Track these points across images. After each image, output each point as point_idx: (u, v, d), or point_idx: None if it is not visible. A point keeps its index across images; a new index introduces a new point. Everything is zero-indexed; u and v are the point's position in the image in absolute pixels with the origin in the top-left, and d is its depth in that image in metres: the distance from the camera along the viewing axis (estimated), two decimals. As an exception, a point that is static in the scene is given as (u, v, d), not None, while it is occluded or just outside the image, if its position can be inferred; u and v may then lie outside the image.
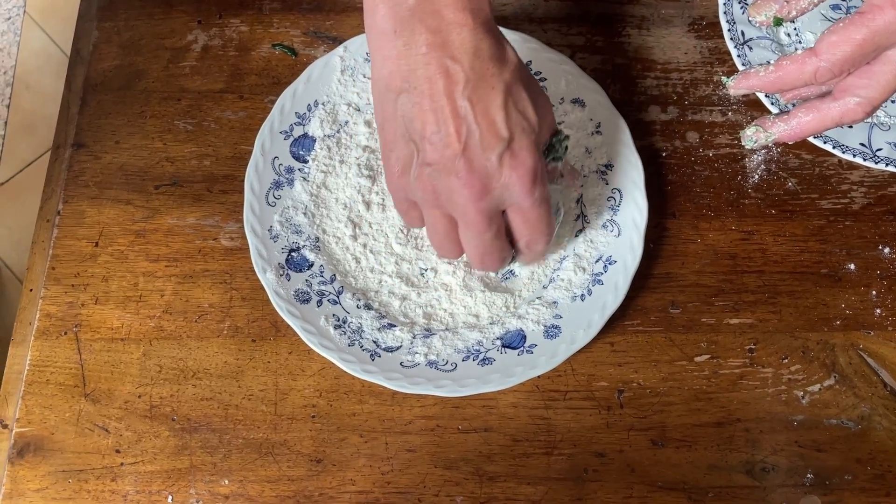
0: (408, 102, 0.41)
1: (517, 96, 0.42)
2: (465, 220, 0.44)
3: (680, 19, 0.61)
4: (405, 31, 0.40)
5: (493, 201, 0.43)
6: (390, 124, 0.43)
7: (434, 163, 0.42)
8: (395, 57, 0.41)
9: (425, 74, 0.41)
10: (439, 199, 0.43)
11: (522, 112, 0.42)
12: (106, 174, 0.57)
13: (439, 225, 0.45)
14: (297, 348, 0.53)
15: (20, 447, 0.51)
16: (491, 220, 0.44)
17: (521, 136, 0.42)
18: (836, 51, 0.40)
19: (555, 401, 0.52)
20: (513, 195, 0.43)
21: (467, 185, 0.42)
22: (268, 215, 0.54)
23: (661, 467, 0.51)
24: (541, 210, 0.44)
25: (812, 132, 0.44)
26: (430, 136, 0.41)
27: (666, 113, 0.59)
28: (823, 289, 0.55)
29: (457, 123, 0.41)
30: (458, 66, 0.40)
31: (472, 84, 0.41)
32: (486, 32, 0.41)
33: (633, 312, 0.54)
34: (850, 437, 0.51)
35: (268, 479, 0.50)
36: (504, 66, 0.42)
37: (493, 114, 0.41)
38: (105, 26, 0.61)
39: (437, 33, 0.40)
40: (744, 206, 0.56)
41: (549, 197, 0.45)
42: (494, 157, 0.41)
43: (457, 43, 0.40)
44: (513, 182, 0.42)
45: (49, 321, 0.53)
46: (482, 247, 0.45)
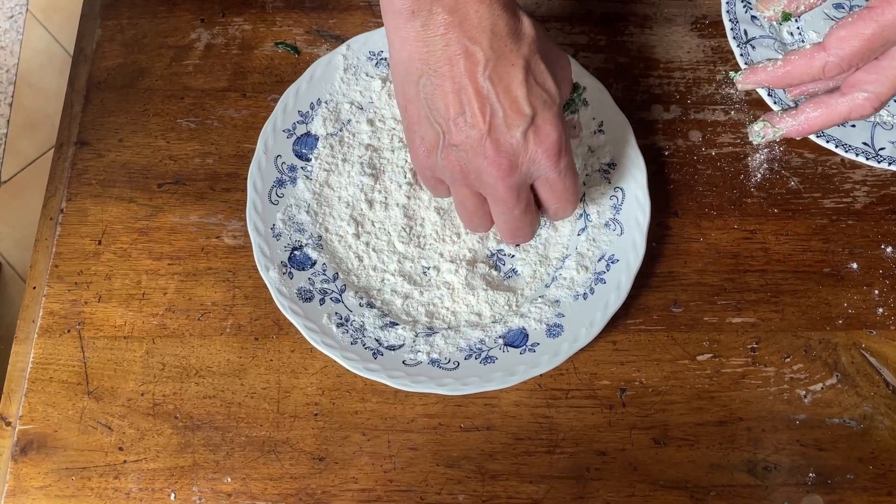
0: (430, 85, 0.42)
1: (536, 70, 0.42)
2: (494, 196, 0.44)
3: (683, 18, 0.61)
4: (422, 11, 0.41)
5: (520, 176, 0.44)
6: (413, 106, 0.44)
7: (460, 144, 0.42)
8: (414, 38, 0.42)
9: (445, 56, 0.41)
10: (468, 178, 0.44)
11: (543, 85, 0.42)
12: (109, 172, 0.57)
13: (469, 202, 0.46)
14: (299, 346, 0.53)
15: (23, 444, 0.51)
16: (520, 195, 0.44)
17: (543, 110, 0.42)
18: (845, 45, 0.40)
19: (557, 399, 0.52)
20: (540, 168, 0.44)
21: (495, 164, 0.42)
22: (270, 213, 0.54)
23: (663, 466, 0.51)
24: (567, 179, 0.45)
25: (820, 127, 0.44)
26: (454, 117, 0.42)
27: (668, 112, 0.59)
28: (826, 288, 0.55)
29: (480, 104, 0.41)
30: (478, 46, 0.41)
31: (493, 63, 0.41)
32: (503, 8, 0.41)
33: (635, 311, 0.54)
34: (852, 436, 0.51)
35: (270, 476, 0.50)
36: (521, 40, 0.42)
37: (514, 91, 0.42)
38: (108, 24, 0.61)
39: (455, 12, 0.41)
40: (746, 205, 0.56)
41: (574, 164, 0.45)
42: (519, 134, 0.42)
43: (475, 21, 0.41)
44: (539, 156, 0.43)
45: (52, 319, 0.53)
46: (513, 221, 0.46)
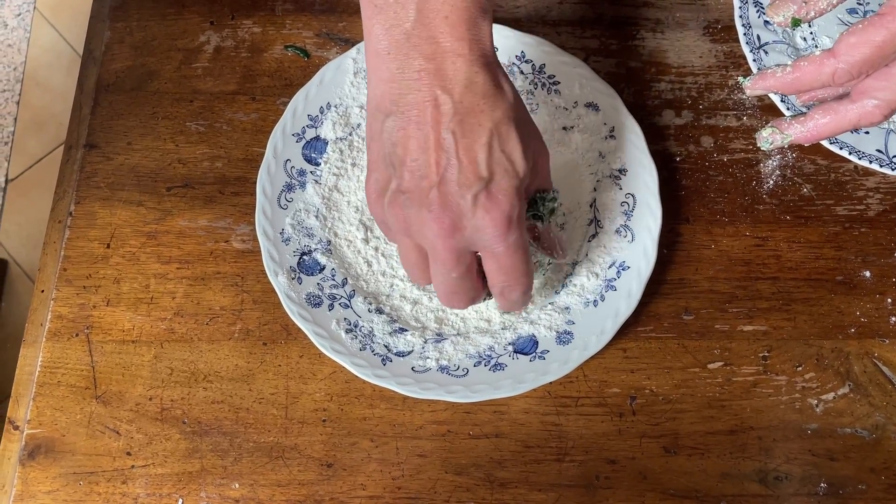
0: (394, 126, 0.40)
1: (505, 137, 0.40)
2: (433, 254, 0.42)
3: (695, 23, 0.61)
4: (400, 54, 0.39)
5: (463, 241, 0.41)
6: (375, 144, 0.42)
7: (408, 191, 0.41)
8: (388, 79, 0.40)
9: (415, 100, 0.39)
10: (410, 228, 0.42)
11: (508, 154, 0.40)
12: (118, 175, 0.57)
13: (410, 254, 0.44)
14: (308, 352, 0.52)
15: (31, 449, 0.51)
16: (459, 259, 0.42)
17: (501, 178, 0.40)
18: (855, 52, 0.40)
19: (566, 407, 0.52)
20: (484, 238, 0.41)
21: (437, 220, 0.40)
22: (280, 218, 0.53)
23: (674, 475, 0.50)
24: (515, 257, 0.42)
25: (829, 134, 0.43)
26: (409, 163, 0.40)
27: (680, 117, 0.58)
28: (838, 296, 0.54)
29: (437, 155, 0.39)
30: (448, 96, 0.39)
31: (460, 117, 0.39)
32: (483, 66, 0.40)
33: (645, 318, 0.53)
34: (864, 446, 0.51)
35: (278, 483, 0.50)
36: (497, 103, 0.40)
37: (475, 151, 0.40)
38: (117, 27, 0.61)
39: (432, 60, 0.39)
40: (758, 212, 0.56)
41: (526, 245, 0.43)
42: (469, 196, 0.40)
43: (450, 73, 0.39)
44: (485, 224, 0.40)
45: (60, 322, 0.53)
46: (449, 284, 0.44)
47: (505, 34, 0.57)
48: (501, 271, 0.43)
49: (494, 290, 0.44)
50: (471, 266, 0.43)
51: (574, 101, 0.56)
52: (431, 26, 0.39)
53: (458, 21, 0.39)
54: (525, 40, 0.57)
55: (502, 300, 0.45)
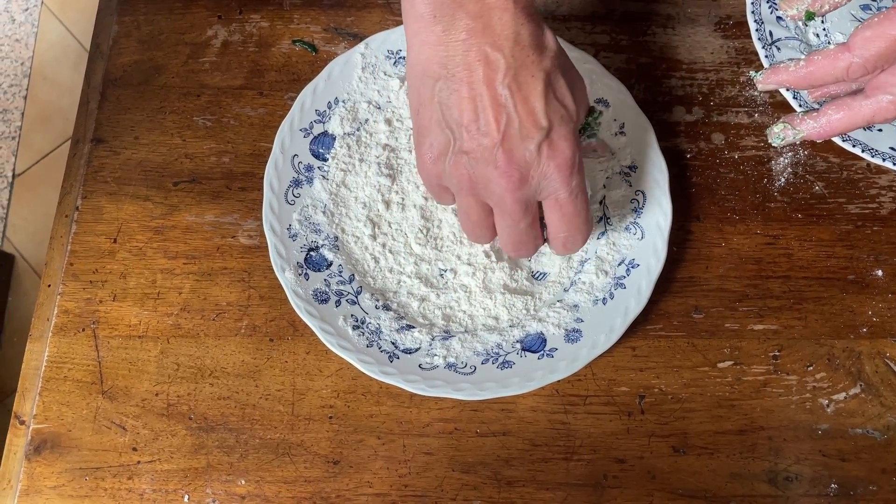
0: (446, 89, 0.41)
1: (556, 84, 0.41)
2: (501, 208, 0.43)
3: (706, 18, 0.60)
4: (445, 15, 0.40)
5: (530, 191, 0.43)
6: (426, 110, 0.43)
7: (472, 151, 0.41)
8: (434, 42, 0.41)
9: (464, 61, 0.40)
10: (476, 187, 0.43)
11: (561, 100, 0.41)
12: (125, 170, 0.57)
13: (473, 212, 0.45)
14: (314, 348, 0.52)
15: (37, 444, 0.51)
16: (527, 210, 0.43)
17: (559, 125, 0.41)
18: (871, 46, 0.39)
19: (575, 405, 0.51)
20: (551, 185, 0.42)
21: (505, 174, 0.41)
22: (287, 214, 0.53)
23: (682, 475, 0.50)
24: (577, 202, 0.44)
25: (842, 130, 0.43)
26: (468, 124, 0.41)
27: (691, 114, 0.58)
28: (850, 295, 0.54)
29: (496, 112, 0.40)
30: (499, 53, 0.40)
31: (513, 72, 0.40)
32: (527, 17, 0.40)
33: (655, 317, 0.53)
34: (875, 446, 0.50)
35: (284, 479, 0.50)
36: (544, 53, 0.41)
37: (532, 102, 0.40)
38: (125, 21, 0.60)
39: (478, 18, 0.40)
40: (769, 210, 0.55)
41: (585, 190, 0.44)
42: (533, 147, 0.41)
43: (497, 28, 0.40)
44: (551, 171, 0.42)
45: (67, 317, 0.53)
46: (517, 234, 0.45)
47: (514, 29, 0.56)
48: (565, 218, 0.44)
49: (557, 241, 0.46)
50: (536, 215, 0.45)
51: (584, 97, 0.56)
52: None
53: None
54: (535, 35, 0.56)
55: (562, 248, 0.46)
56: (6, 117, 1.47)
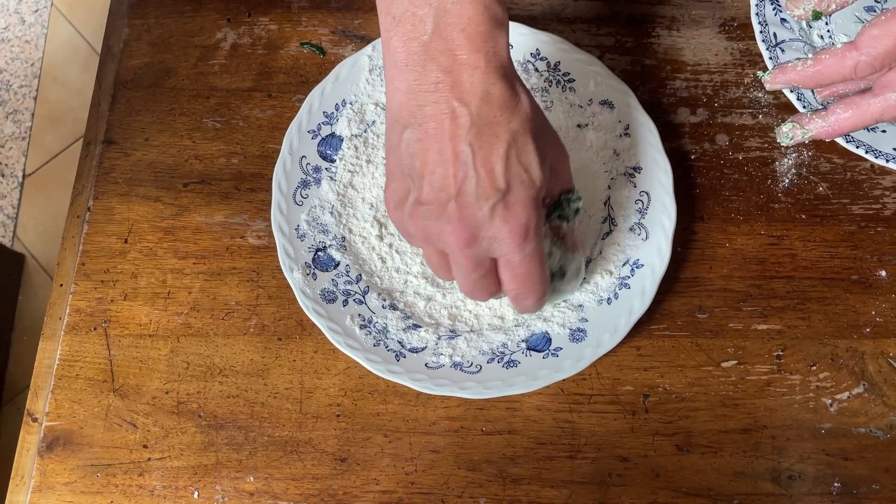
0: (412, 138, 0.41)
1: (523, 148, 0.41)
2: (453, 259, 0.43)
3: (711, 20, 0.61)
4: (417, 66, 0.40)
5: (480, 249, 0.42)
6: (394, 155, 0.43)
7: (427, 203, 0.41)
8: (406, 90, 0.40)
9: (432, 113, 0.40)
10: (430, 237, 0.42)
11: (525, 165, 0.41)
12: (135, 171, 0.58)
13: (432, 258, 0.45)
14: (322, 347, 0.53)
15: (49, 441, 0.51)
16: (478, 265, 0.43)
17: (518, 189, 0.40)
18: (878, 44, 0.39)
19: (579, 404, 0.52)
20: (502, 248, 0.41)
21: (455, 231, 0.41)
22: (295, 214, 0.54)
23: (686, 473, 0.50)
24: (530, 266, 0.42)
25: (850, 129, 0.43)
26: (427, 175, 0.40)
27: (695, 115, 0.58)
28: (854, 295, 0.54)
29: (455, 167, 0.40)
30: (466, 109, 0.39)
31: (477, 129, 0.39)
32: (500, 77, 0.40)
33: (659, 316, 0.53)
34: (878, 446, 0.51)
35: (292, 476, 0.50)
36: (514, 114, 0.40)
37: (492, 162, 0.40)
38: (135, 23, 0.61)
39: (449, 73, 0.39)
40: (773, 211, 0.56)
41: (542, 254, 0.43)
42: (487, 208, 0.40)
43: (467, 85, 0.39)
44: (502, 235, 0.41)
45: (79, 316, 0.54)
46: (469, 284, 0.44)
47: (520, 31, 0.57)
48: (516, 279, 0.43)
49: (509, 294, 0.45)
50: (490, 269, 0.44)
51: (589, 98, 0.56)
52: (448, 39, 0.39)
53: (475, 34, 0.39)
54: (540, 38, 0.57)
55: (516, 304, 0.46)
56: (16, 118, 1.48)
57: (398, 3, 0.40)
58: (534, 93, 0.57)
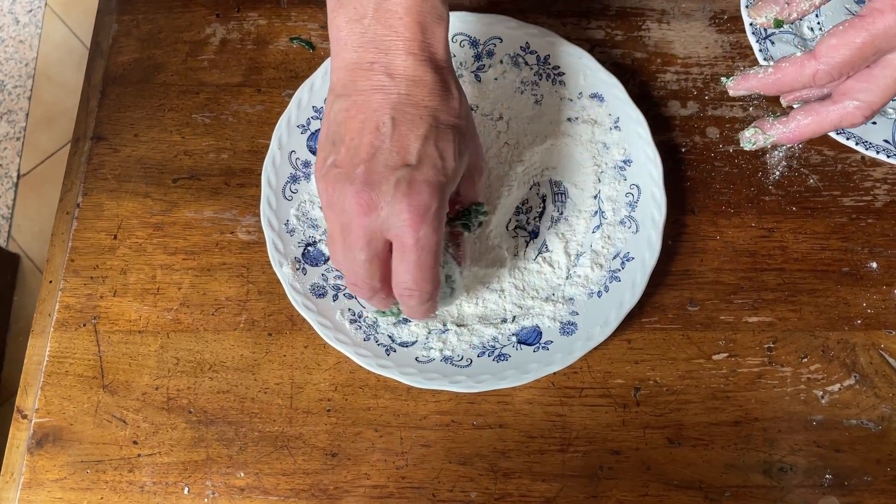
0: (341, 107, 0.42)
1: (443, 136, 0.42)
2: (347, 230, 0.42)
3: (701, 13, 0.61)
4: (357, 45, 0.42)
5: (377, 222, 0.41)
6: (324, 124, 0.44)
7: (340, 165, 0.42)
8: (343, 67, 0.42)
9: (363, 87, 0.41)
10: (335, 204, 0.42)
11: (441, 151, 0.41)
12: (125, 167, 0.57)
13: (334, 229, 0.43)
14: (312, 342, 0.53)
15: (39, 437, 0.51)
16: (370, 242, 0.42)
17: (427, 170, 0.41)
18: (836, 54, 0.40)
19: (570, 398, 0.52)
20: (398, 224, 0.41)
21: (357, 194, 0.41)
22: (284, 209, 0.54)
23: (678, 466, 0.50)
24: (422, 254, 0.41)
25: (811, 135, 0.43)
26: (347, 141, 0.42)
27: (686, 108, 0.58)
28: (844, 287, 0.54)
29: (373, 136, 0.41)
30: (395, 87, 0.41)
31: (402, 107, 0.41)
32: (432, 68, 0.42)
33: (650, 309, 0.53)
34: (870, 437, 0.51)
35: (283, 471, 0.50)
36: (441, 103, 0.42)
37: (409, 139, 0.41)
38: (124, 19, 0.61)
39: (385, 54, 0.41)
40: (764, 203, 0.56)
41: (437, 250, 0.42)
42: (393, 178, 0.40)
43: (400, 68, 0.41)
44: (401, 210, 0.40)
45: (68, 313, 0.54)
46: (355, 266, 0.43)
47: (510, 25, 0.57)
48: (405, 266, 0.42)
49: (396, 290, 0.43)
50: (380, 254, 0.43)
51: (579, 92, 0.56)
52: (387, 24, 0.41)
53: (412, 23, 0.41)
54: (530, 31, 0.57)
55: (403, 305, 0.45)
56: (11, 118, 1.48)
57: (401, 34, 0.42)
58: (524, 86, 0.57)
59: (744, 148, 0.45)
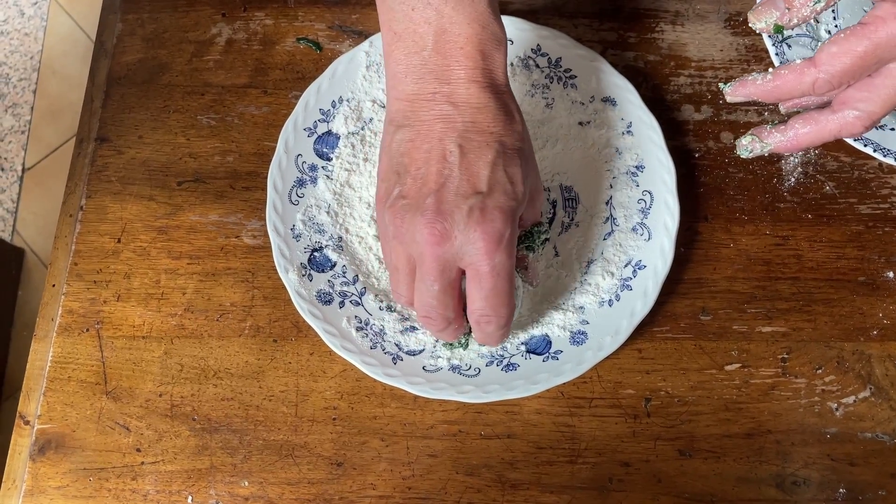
0: (403, 138, 0.42)
1: (510, 161, 0.41)
2: (420, 261, 0.42)
3: (716, 15, 0.59)
4: (416, 77, 0.42)
5: (451, 251, 0.41)
6: (385, 155, 0.43)
7: (408, 196, 0.41)
8: (404, 98, 0.42)
9: (426, 117, 0.41)
10: (403, 235, 0.42)
11: (510, 176, 0.41)
12: (129, 169, 0.57)
13: (400, 261, 0.43)
14: (318, 349, 0.52)
15: (41, 444, 0.51)
16: (443, 272, 0.41)
17: (499, 196, 0.40)
18: (836, 62, 0.39)
19: (580, 408, 0.51)
20: (472, 253, 0.40)
21: (429, 224, 0.40)
22: (290, 214, 0.53)
23: (689, 478, 0.49)
24: (498, 281, 0.41)
25: (809, 144, 0.42)
26: (413, 171, 0.41)
27: (700, 112, 0.57)
28: (860, 297, 0.53)
29: (441, 165, 0.41)
30: (459, 114, 0.41)
31: (468, 134, 0.41)
32: (494, 94, 0.41)
33: (662, 318, 0.52)
34: (885, 451, 0.50)
35: (288, 481, 0.50)
36: (506, 128, 0.41)
37: (478, 166, 0.41)
38: (129, 18, 0.60)
39: (446, 83, 0.41)
40: (779, 210, 0.55)
41: (511, 274, 0.42)
42: (465, 207, 0.40)
43: (463, 96, 0.41)
44: (476, 238, 0.40)
45: (71, 317, 0.53)
46: (429, 296, 0.42)
47: (521, 27, 0.56)
48: (481, 294, 0.42)
49: (472, 317, 0.43)
50: (454, 283, 0.42)
51: (591, 95, 0.55)
52: (448, 55, 0.41)
53: (473, 51, 0.41)
54: (541, 33, 0.56)
55: (478, 331, 0.44)
56: (16, 111, 1.47)
57: (399, 19, 0.41)
58: (534, 90, 0.56)
59: (740, 155, 0.44)
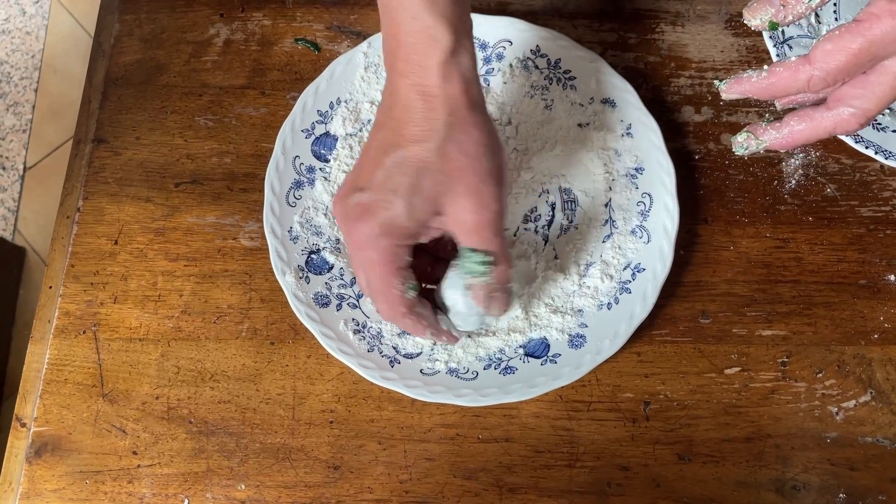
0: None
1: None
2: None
3: (716, 16, 0.59)
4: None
5: None
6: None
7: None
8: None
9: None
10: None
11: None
12: (126, 171, 0.56)
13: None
14: (315, 352, 0.52)
15: (38, 446, 0.50)
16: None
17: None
18: (831, 60, 0.38)
19: (578, 412, 0.50)
20: None
21: None
22: (288, 216, 0.53)
23: (688, 483, 0.49)
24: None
25: (804, 141, 0.42)
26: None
27: (700, 114, 0.57)
28: (861, 300, 0.52)
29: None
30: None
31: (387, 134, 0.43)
32: (493, 134, 0.44)
33: (661, 321, 0.52)
34: (885, 455, 0.49)
35: (284, 484, 0.49)
36: (495, 155, 0.43)
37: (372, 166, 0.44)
38: (126, 19, 0.60)
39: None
40: (779, 213, 0.54)
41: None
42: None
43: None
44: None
45: (68, 319, 0.53)
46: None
47: (520, 28, 0.55)
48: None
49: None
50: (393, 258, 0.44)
51: (590, 97, 0.55)
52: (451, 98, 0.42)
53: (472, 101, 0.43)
54: (540, 34, 0.55)
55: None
56: (17, 110, 1.47)
57: (402, 62, 0.42)
58: (534, 91, 0.55)
59: (736, 152, 0.44)
